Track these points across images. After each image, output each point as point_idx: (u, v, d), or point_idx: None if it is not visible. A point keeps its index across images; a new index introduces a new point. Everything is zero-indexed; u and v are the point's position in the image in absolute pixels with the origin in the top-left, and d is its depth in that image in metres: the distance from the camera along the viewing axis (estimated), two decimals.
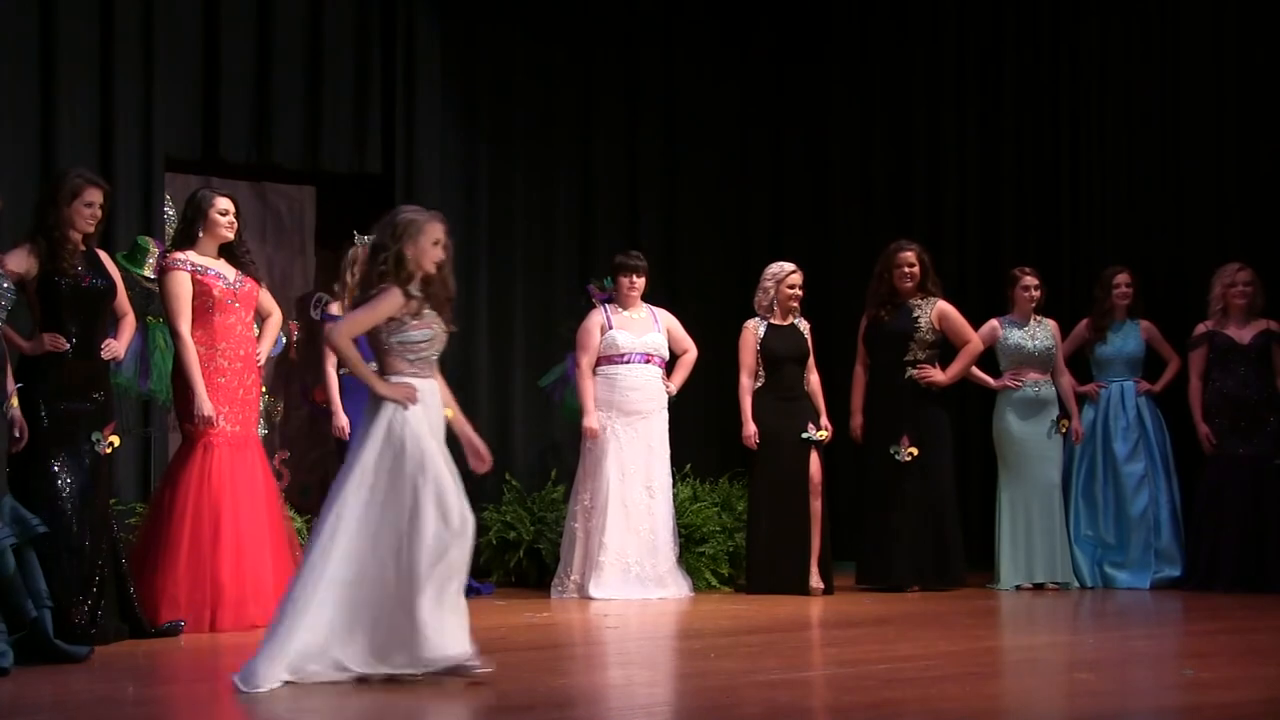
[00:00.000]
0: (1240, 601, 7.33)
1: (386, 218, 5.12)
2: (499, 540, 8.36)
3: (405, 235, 5.04)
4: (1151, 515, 8.28)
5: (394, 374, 5.07)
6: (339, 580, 4.91)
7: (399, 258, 5.02)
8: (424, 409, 5.05)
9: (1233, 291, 8.11)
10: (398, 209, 5.22)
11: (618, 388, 7.95)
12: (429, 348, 5.11)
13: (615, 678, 5.49)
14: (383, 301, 5.01)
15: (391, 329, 5.04)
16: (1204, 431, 8.11)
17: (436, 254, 5.08)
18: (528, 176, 9.36)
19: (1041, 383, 8.28)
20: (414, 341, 5.06)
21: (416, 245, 5.04)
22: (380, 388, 5.02)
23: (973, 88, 9.87)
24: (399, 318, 5.03)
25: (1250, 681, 4.98)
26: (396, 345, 5.05)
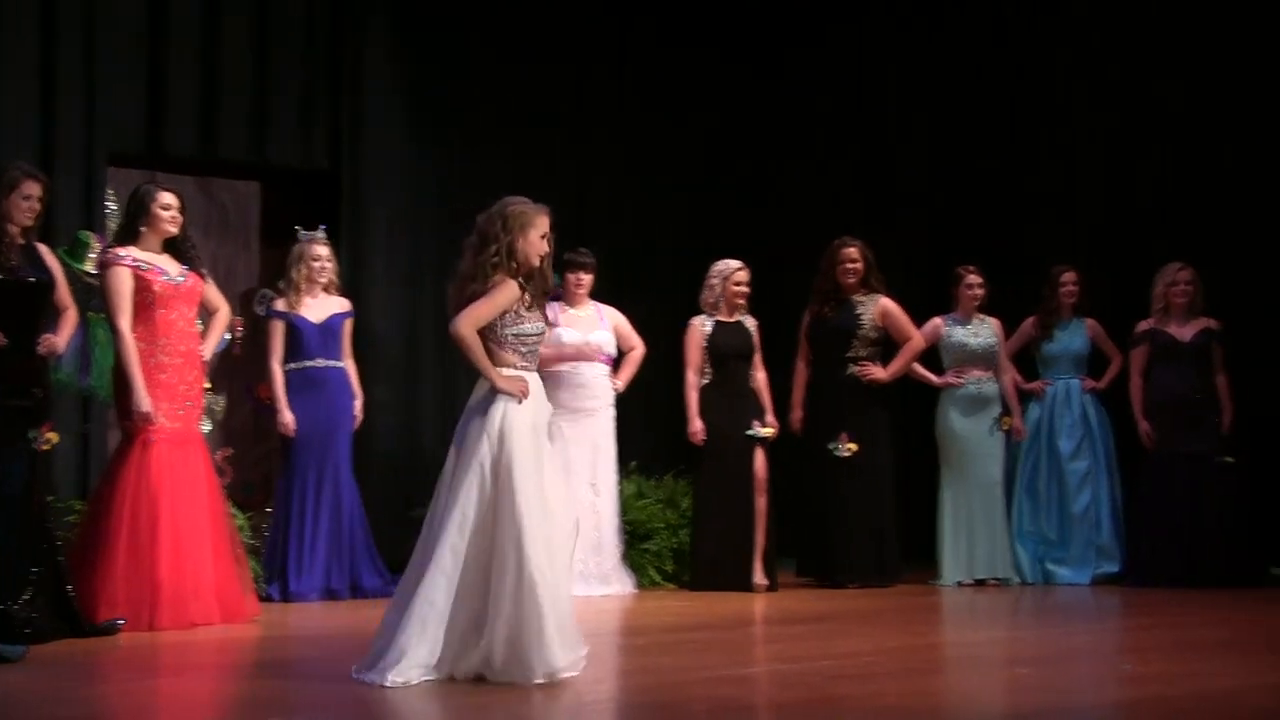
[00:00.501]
0: (1178, 597, 7.40)
1: (495, 208, 5.07)
2: None
3: (516, 227, 5.01)
4: (1094, 512, 8.34)
5: (504, 367, 5.01)
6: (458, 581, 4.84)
7: (510, 249, 4.99)
8: (532, 403, 5.01)
9: (1174, 290, 8.19)
10: (505, 199, 5.14)
11: (564, 385, 7.92)
12: (538, 341, 5.09)
13: None
14: (501, 293, 4.96)
15: (507, 321, 5.00)
16: (1145, 429, 8.18)
17: (543, 247, 5.06)
18: (476, 173, 9.29)
19: (984, 380, 8.32)
20: (528, 334, 5.03)
21: (526, 237, 5.02)
22: (500, 382, 4.96)
23: (923, 88, 9.92)
24: (514, 310, 4.99)
25: (1186, 676, 5.02)
26: (511, 338, 5.01)
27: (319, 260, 7.77)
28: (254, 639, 6.28)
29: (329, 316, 7.75)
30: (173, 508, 6.38)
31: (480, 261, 5.00)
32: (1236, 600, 7.20)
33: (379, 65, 8.90)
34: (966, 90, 9.74)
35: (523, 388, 4.97)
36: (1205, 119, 8.82)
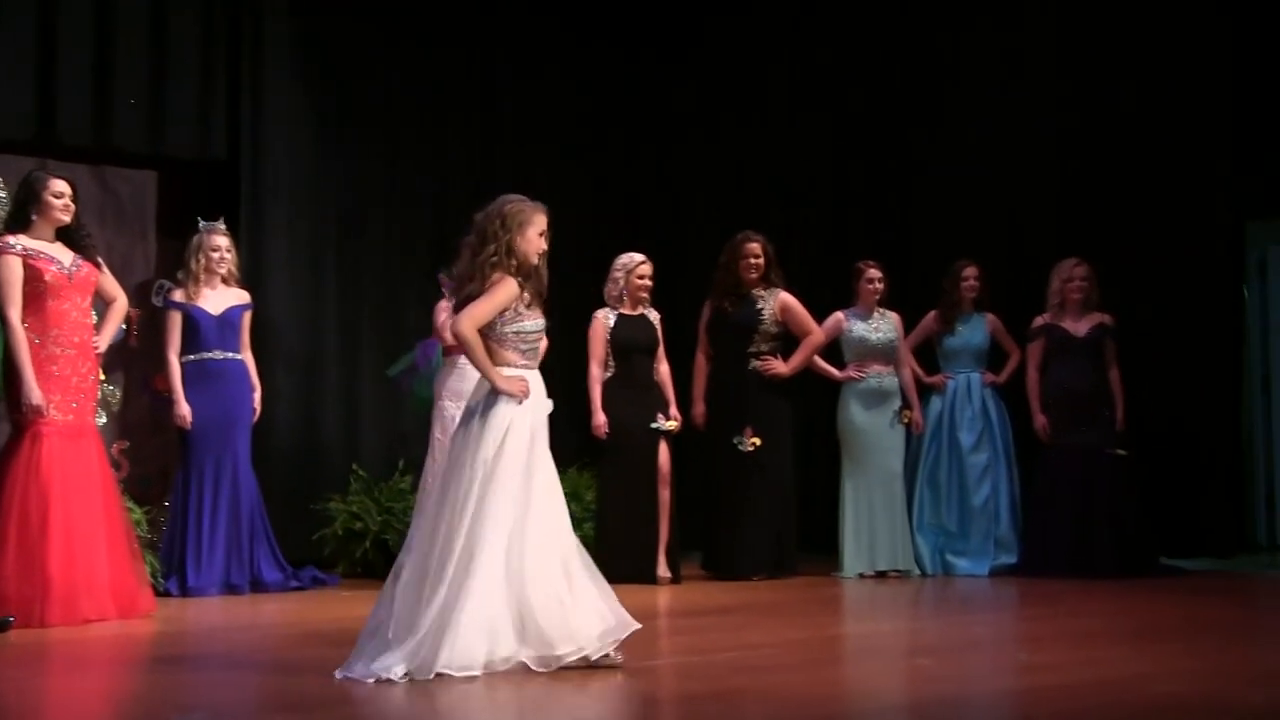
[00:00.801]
0: (1073, 587, 7.51)
1: (492, 207, 5.06)
2: (345, 531, 8.22)
3: (515, 225, 5.01)
4: (993, 504, 8.44)
5: (505, 365, 5.02)
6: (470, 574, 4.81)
7: (510, 248, 4.99)
8: (533, 402, 5.02)
9: (1070, 286, 8.31)
10: (502, 198, 5.13)
11: (467, 377, 7.83)
12: (539, 339, 5.09)
13: None
14: (500, 291, 4.96)
15: (506, 319, 5.01)
16: (1041, 422, 8.30)
17: (541, 245, 5.07)
18: (378, 163, 9.21)
19: (884, 374, 8.39)
20: (528, 332, 5.04)
21: (524, 235, 5.02)
22: (500, 381, 4.96)
23: (822, 83, 9.98)
24: (514, 308, 4.99)
25: (1081, 664, 5.10)
26: (511, 335, 5.01)
27: (218, 251, 7.65)
28: (150, 634, 6.16)
29: (228, 308, 7.63)
30: (64, 502, 6.24)
31: (479, 261, 5.01)
32: (1129, 590, 7.33)
33: (280, 53, 8.77)
34: (867, 86, 9.81)
35: (523, 388, 4.99)
36: (1100, 116, 8.97)
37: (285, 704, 4.58)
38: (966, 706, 4.54)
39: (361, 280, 9.12)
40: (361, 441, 8.92)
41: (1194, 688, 4.60)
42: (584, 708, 4.50)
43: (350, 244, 9.10)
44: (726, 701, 4.54)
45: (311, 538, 8.27)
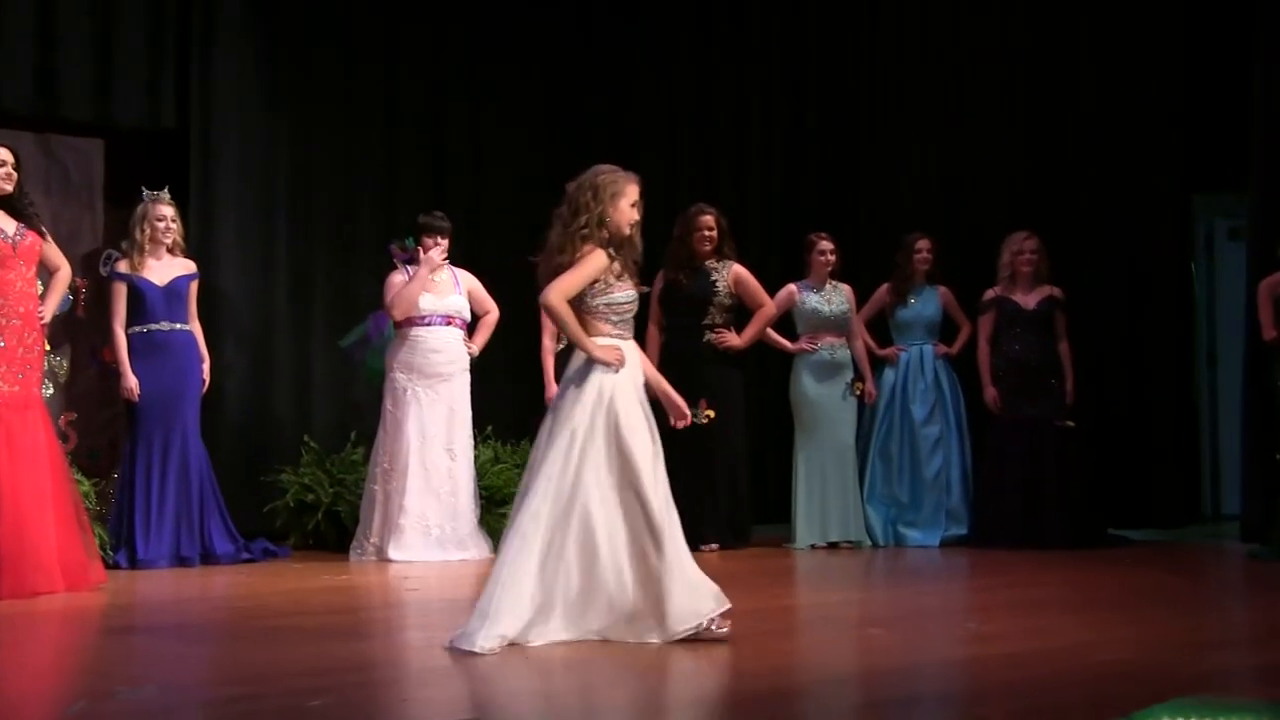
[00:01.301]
0: (1022, 558, 7.57)
1: (584, 177, 5.03)
2: (297, 503, 8.19)
3: (607, 196, 4.98)
4: (945, 476, 8.49)
5: (596, 336, 4.98)
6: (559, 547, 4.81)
7: (601, 219, 4.96)
8: (628, 371, 4.99)
9: (1020, 259, 8.35)
10: (595, 168, 5.08)
11: (419, 349, 7.85)
12: (632, 309, 5.06)
13: (415, 639, 5.43)
14: (589, 263, 4.93)
15: (596, 291, 4.98)
16: (991, 394, 8.35)
17: (633, 215, 5.03)
18: (330, 134, 9.13)
19: (837, 346, 8.41)
20: (619, 303, 5.01)
21: (617, 206, 4.99)
22: (596, 351, 4.94)
23: (776, 56, 9.97)
24: (604, 279, 4.96)
25: (1029, 633, 5.14)
26: (602, 307, 4.99)
27: (163, 221, 7.58)
28: (99, 607, 6.11)
29: (174, 279, 7.56)
30: (11, 474, 6.18)
31: (571, 232, 4.98)
32: (1077, 560, 7.40)
33: (231, 20, 8.67)
34: (819, 58, 9.81)
35: (618, 356, 4.97)
36: (1050, 89, 9.01)
37: (237, 677, 4.56)
38: (916, 675, 4.57)
39: (313, 251, 9.05)
40: (313, 413, 8.87)
41: (1139, 656, 4.65)
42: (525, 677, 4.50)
43: (301, 214, 9.03)
44: (679, 671, 4.55)
45: (263, 510, 8.23)
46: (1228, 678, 4.50)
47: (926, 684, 4.50)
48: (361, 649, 5.01)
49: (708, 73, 10.17)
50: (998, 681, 4.37)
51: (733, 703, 4.34)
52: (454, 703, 4.27)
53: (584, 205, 4.98)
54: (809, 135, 9.81)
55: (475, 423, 8.06)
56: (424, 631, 5.56)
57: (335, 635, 5.24)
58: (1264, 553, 7.39)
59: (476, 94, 9.72)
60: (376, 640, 5.38)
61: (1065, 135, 8.95)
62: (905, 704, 4.20)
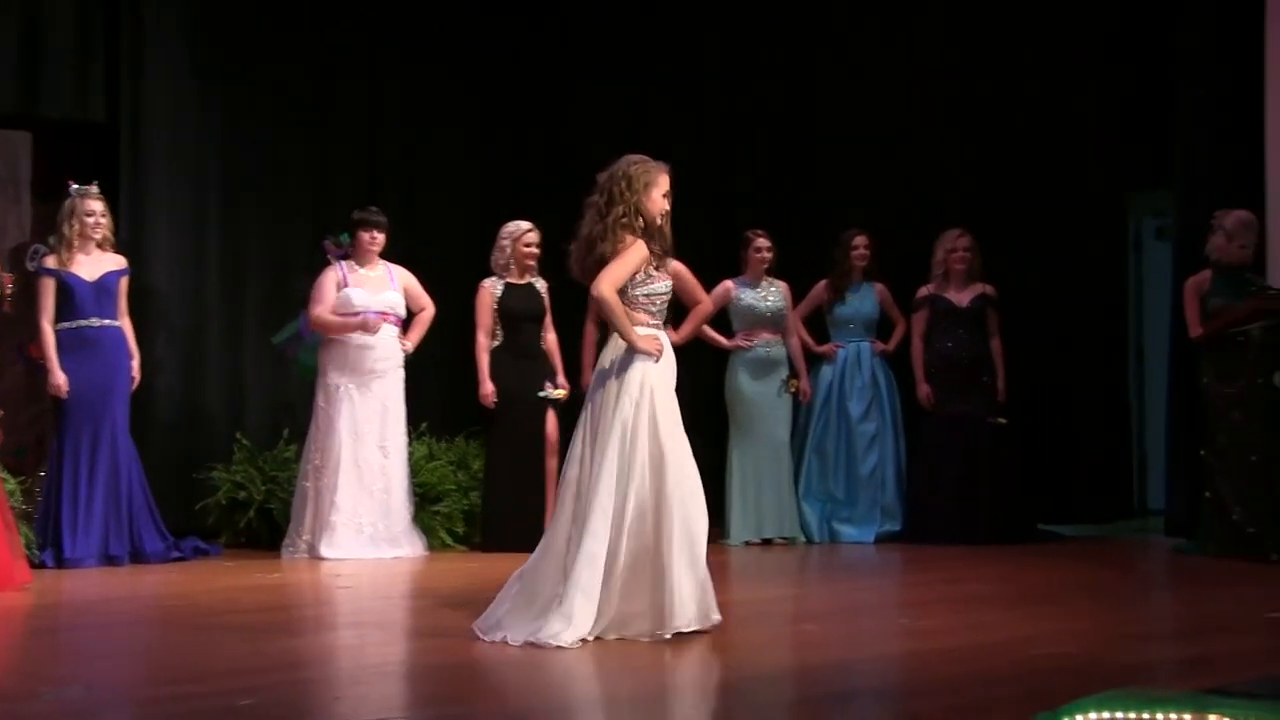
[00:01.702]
0: (954, 553, 7.63)
1: (616, 167, 5.05)
2: (229, 500, 8.11)
3: (641, 186, 5.01)
4: (880, 473, 8.53)
5: (637, 326, 5.01)
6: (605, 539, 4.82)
7: (638, 208, 4.99)
8: (666, 361, 5.03)
9: (953, 257, 8.41)
10: (626, 158, 5.10)
11: (352, 346, 7.79)
12: (668, 299, 5.09)
13: (347, 638, 5.39)
14: (633, 254, 4.97)
15: (637, 282, 5.02)
16: (925, 391, 8.40)
17: (664, 205, 5.06)
18: (263, 128, 9.04)
19: (773, 343, 8.43)
20: (659, 293, 5.05)
21: (650, 196, 5.02)
22: (640, 342, 4.96)
23: (714, 51, 9.96)
24: (645, 270, 5.00)
25: (963, 628, 5.18)
26: (642, 298, 5.02)
27: (92, 216, 7.47)
28: (25, 607, 6.01)
29: (104, 274, 7.46)
30: None
31: (609, 222, 5.00)
32: (1008, 556, 7.46)
33: (163, 12, 8.56)
34: (756, 56, 9.82)
35: (658, 346, 5.00)
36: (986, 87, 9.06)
37: (166, 676, 4.50)
38: (851, 671, 4.59)
39: (245, 247, 8.96)
40: (245, 410, 8.79)
41: (1070, 648, 4.69)
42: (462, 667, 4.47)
43: (234, 209, 8.93)
44: (614, 668, 4.54)
45: (194, 507, 8.14)
46: (1155, 669, 4.56)
47: (861, 679, 4.51)
48: (293, 647, 4.96)
49: (645, 74, 10.14)
50: (932, 676, 4.39)
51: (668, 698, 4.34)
52: (386, 700, 4.23)
53: (619, 195, 5.02)
54: (746, 133, 9.81)
55: (409, 420, 8.01)
56: (356, 629, 5.52)
57: (267, 633, 5.19)
58: (1189, 547, 7.49)
59: (415, 93, 9.65)
60: (308, 638, 5.32)
61: (1000, 134, 9.01)
62: (840, 699, 4.21)
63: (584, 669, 4.57)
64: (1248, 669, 4.33)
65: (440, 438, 8.64)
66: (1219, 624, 5.37)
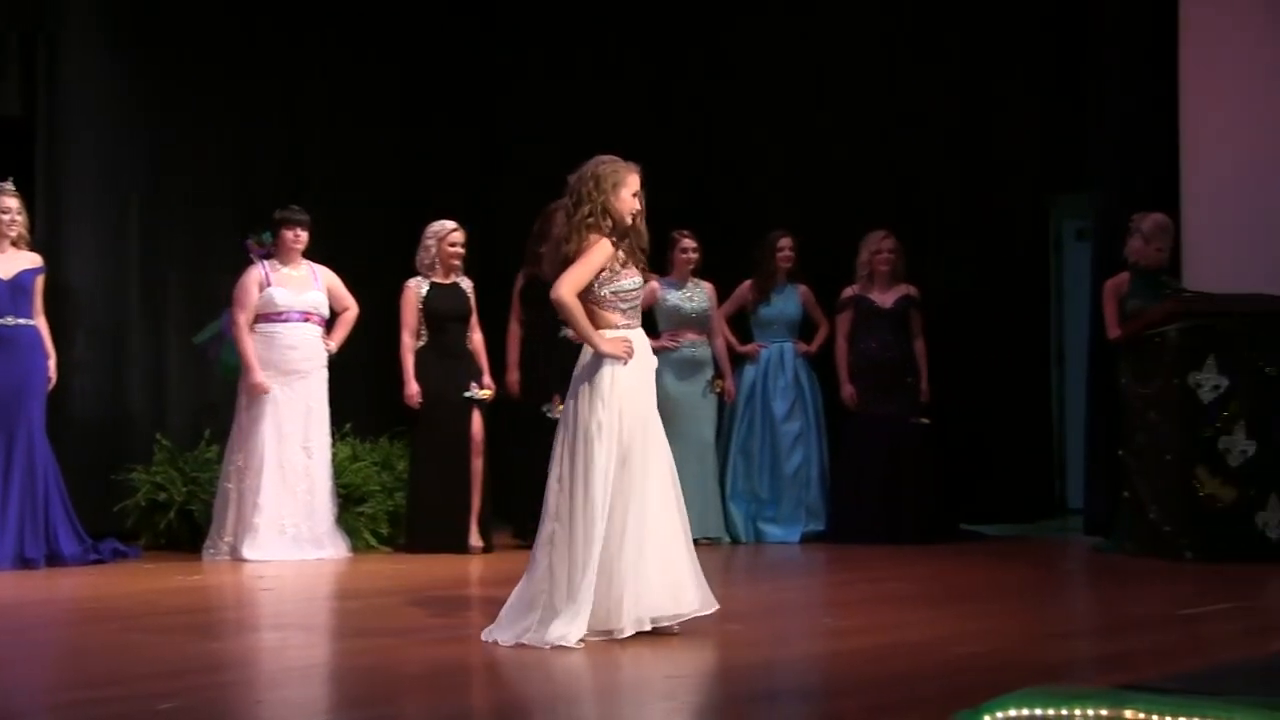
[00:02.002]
0: (877, 553, 7.69)
1: (585, 168, 5.06)
2: (148, 502, 8.01)
3: (609, 186, 5.02)
4: (804, 473, 8.58)
5: (607, 327, 5.03)
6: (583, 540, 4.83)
7: (605, 208, 4.99)
8: (643, 359, 5.02)
9: (878, 258, 8.48)
10: (596, 159, 5.12)
11: (275, 346, 7.72)
12: (639, 296, 5.08)
13: (269, 640, 5.35)
14: (595, 252, 4.98)
15: (603, 280, 5.00)
16: (848, 392, 8.46)
17: (634, 204, 5.08)
18: (185, 124, 8.93)
19: (698, 343, 8.46)
20: (627, 290, 5.05)
21: (618, 195, 5.04)
22: (603, 345, 4.95)
23: (636, 53, 9.98)
24: (610, 268, 4.97)
25: (886, 627, 5.23)
26: (610, 296, 5.02)
27: (8, 214, 7.36)
28: None
29: (19, 272, 7.35)
30: None
31: (575, 223, 5.02)
32: (932, 555, 7.54)
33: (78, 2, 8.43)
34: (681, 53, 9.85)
35: (626, 348, 4.99)
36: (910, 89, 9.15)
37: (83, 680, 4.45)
38: (775, 670, 4.62)
39: (166, 245, 8.86)
40: (166, 410, 8.69)
41: (992, 647, 4.76)
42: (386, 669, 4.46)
43: (154, 206, 8.82)
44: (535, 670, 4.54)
45: (113, 509, 8.03)
46: (1073, 666, 4.64)
47: (785, 679, 4.55)
48: (214, 649, 4.92)
49: (569, 70, 10.15)
50: (855, 675, 4.43)
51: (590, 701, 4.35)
52: (309, 703, 4.21)
53: (586, 195, 5.05)
54: (671, 132, 9.83)
55: (333, 420, 7.96)
56: (279, 631, 5.49)
57: (187, 636, 5.15)
58: (1108, 546, 7.61)
59: (340, 91, 9.59)
60: (230, 640, 5.28)
61: (924, 137, 9.10)
62: (764, 699, 4.24)
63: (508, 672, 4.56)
64: (1162, 664, 4.42)
65: (364, 438, 8.59)
66: (1135, 621, 5.47)
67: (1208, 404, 7.11)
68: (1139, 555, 7.21)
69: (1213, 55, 7.88)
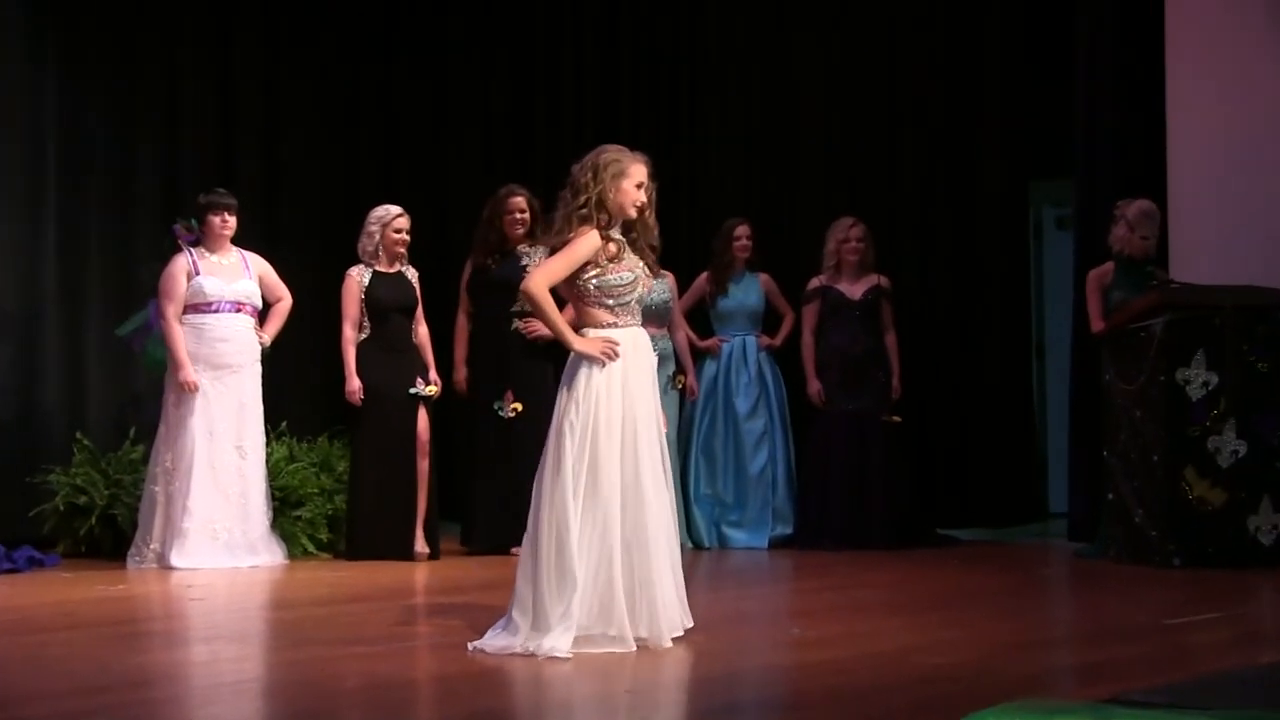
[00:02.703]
0: (847, 559, 7.74)
1: (587, 158, 5.05)
2: (68, 506, 7.98)
3: (608, 176, 5.00)
4: (770, 473, 8.61)
5: (594, 324, 5.04)
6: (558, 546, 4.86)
7: (600, 200, 4.99)
8: (631, 359, 5.00)
9: (846, 247, 8.50)
10: (599, 148, 5.10)
11: (205, 339, 7.70)
12: (629, 291, 5.06)
13: (199, 654, 5.35)
14: (579, 245, 4.98)
15: (589, 273, 4.97)
16: (815, 388, 8.48)
17: (639, 196, 5.05)
18: (105, 102, 8.89)
19: (658, 338, 8.42)
20: (613, 285, 5.03)
21: (619, 187, 5.01)
22: (576, 343, 4.95)
23: (591, 35, 9.99)
24: (596, 261, 4.94)
25: (853, 637, 5.27)
26: (594, 290, 5.01)
27: None
28: None
29: None
30: None
31: (568, 213, 5.03)
32: (903, 561, 7.59)
33: None
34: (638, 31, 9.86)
35: (604, 349, 4.98)
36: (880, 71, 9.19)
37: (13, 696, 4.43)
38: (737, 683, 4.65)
39: (86, 231, 8.82)
40: (87, 408, 8.66)
41: (962, 658, 4.80)
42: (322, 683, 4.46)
43: (73, 192, 8.78)
44: (488, 684, 4.55)
45: (29, 514, 7.99)
46: (1053, 678, 4.68)
47: (748, 691, 4.58)
48: (140, 664, 4.91)
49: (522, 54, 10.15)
50: (821, 688, 4.46)
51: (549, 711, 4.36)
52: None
53: (584, 185, 5.05)
54: (624, 115, 9.85)
55: (269, 418, 7.95)
56: (209, 644, 5.48)
57: (110, 650, 5.14)
58: (1091, 552, 7.67)
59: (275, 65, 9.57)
60: (156, 654, 5.27)
61: (894, 118, 9.14)
62: (726, 712, 4.27)
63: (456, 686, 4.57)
64: (1147, 676, 4.46)
65: (302, 438, 8.58)
66: (1119, 631, 5.52)
67: (1196, 401, 7.17)
68: (1124, 561, 7.27)
69: (1200, 31, 7.95)
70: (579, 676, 4.60)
